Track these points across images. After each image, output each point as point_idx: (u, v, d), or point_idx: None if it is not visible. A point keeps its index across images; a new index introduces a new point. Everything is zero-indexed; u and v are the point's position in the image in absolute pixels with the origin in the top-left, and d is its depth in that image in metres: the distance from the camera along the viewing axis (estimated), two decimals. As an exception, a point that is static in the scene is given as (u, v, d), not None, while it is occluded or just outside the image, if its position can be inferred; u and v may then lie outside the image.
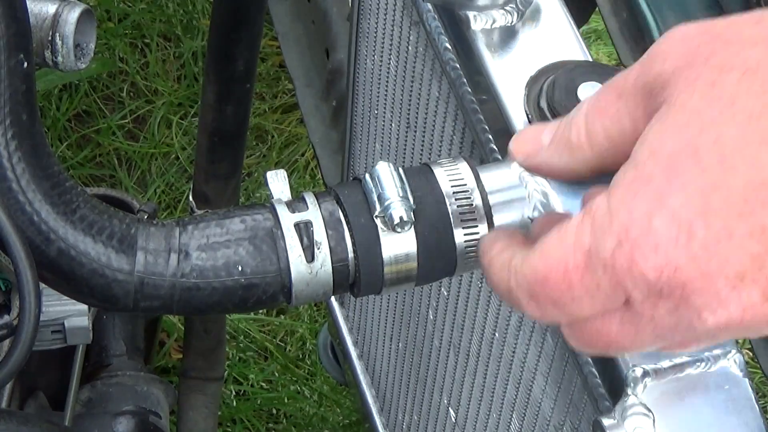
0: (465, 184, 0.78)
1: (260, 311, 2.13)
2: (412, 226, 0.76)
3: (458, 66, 0.88)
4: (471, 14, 0.86)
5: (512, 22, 0.86)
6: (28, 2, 0.76)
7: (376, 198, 0.76)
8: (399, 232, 0.76)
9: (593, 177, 0.69)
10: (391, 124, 1.11)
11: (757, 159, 0.57)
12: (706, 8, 0.89)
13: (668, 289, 0.58)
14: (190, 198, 1.56)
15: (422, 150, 1.03)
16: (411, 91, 1.02)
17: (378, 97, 1.14)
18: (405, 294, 1.17)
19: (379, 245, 0.77)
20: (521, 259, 0.65)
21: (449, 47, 0.89)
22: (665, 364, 0.73)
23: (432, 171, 0.78)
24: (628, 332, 0.62)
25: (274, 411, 2.06)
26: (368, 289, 0.78)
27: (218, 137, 1.48)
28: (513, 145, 0.71)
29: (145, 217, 1.07)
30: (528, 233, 0.72)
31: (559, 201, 0.80)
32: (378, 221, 0.76)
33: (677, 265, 0.58)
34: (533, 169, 0.73)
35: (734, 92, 0.58)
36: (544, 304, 0.63)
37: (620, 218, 0.59)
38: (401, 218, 0.75)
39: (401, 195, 0.76)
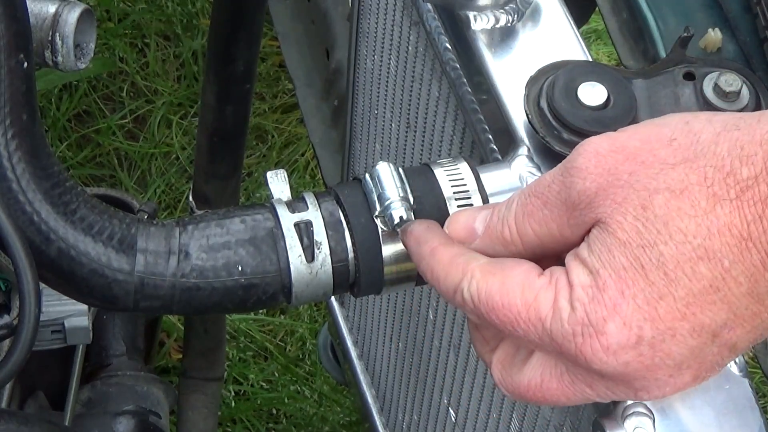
0: (465, 185, 0.78)
1: (260, 311, 2.13)
2: (412, 226, 0.76)
3: (458, 66, 0.88)
4: (471, 14, 0.86)
5: (512, 22, 0.86)
6: (28, 2, 0.76)
7: (376, 198, 0.76)
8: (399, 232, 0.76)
9: None
10: (391, 124, 1.11)
11: (695, 272, 0.64)
12: (706, 8, 0.89)
13: (611, 377, 0.67)
14: (190, 198, 1.56)
15: (422, 150, 1.03)
16: (411, 91, 1.02)
17: (378, 97, 1.14)
18: (405, 294, 1.17)
19: (379, 245, 0.77)
20: (480, 274, 0.70)
21: (449, 47, 0.89)
22: (665, 364, 0.73)
23: (432, 171, 0.78)
24: (566, 391, 0.69)
25: (274, 411, 2.06)
26: (368, 289, 0.78)
27: (218, 137, 1.48)
28: (447, 227, 0.75)
29: (145, 217, 1.07)
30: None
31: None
32: (378, 221, 0.76)
33: (623, 362, 0.66)
34: None
35: (666, 214, 0.64)
36: (487, 323, 0.70)
37: (577, 315, 0.66)
38: (401, 218, 0.75)
39: (401, 195, 0.76)
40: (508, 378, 0.73)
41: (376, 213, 0.76)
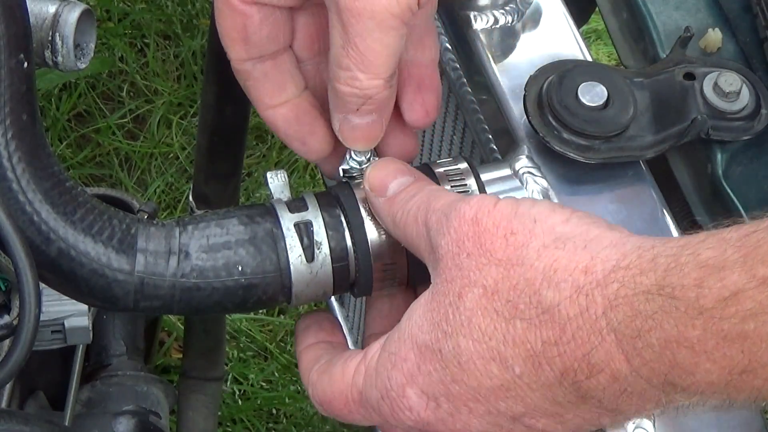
0: (465, 185, 0.78)
1: (260, 311, 2.13)
2: (412, 226, 0.76)
3: (458, 66, 0.88)
4: (471, 14, 0.86)
5: (512, 22, 0.86)
6: (28, 2, 0.76)
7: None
8: (399, 232, 0.76)
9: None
10: (391, 124, 1.11)
11: (485, 371, 0.67)
12: (706, 8, 0.89)
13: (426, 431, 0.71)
14: (190, 198, 1.55)
15: (422, 150, 1.03)
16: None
17: (378, 97, 1.13)
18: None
19: (379, 245, 0.77)
20: (318, 375, 0.77)
21: (449, 47, 0.89)
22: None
23: (432, 171, 0.78)
24: None
25: (274, 411, 2.06)
26: (368, 289, 0.78)
27: (218, 137, 1.48)
28: (369, 171, 0.78)
29: (145, 217, 1.07)
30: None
31: (558, 201, 0.80)
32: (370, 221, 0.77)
33: (428, 422, 0.70)
34: None
35: (473, 309, 0.67)
36: (331, 415, 0.76)
37: (382, 379, 0.71)
38: None
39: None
40: None
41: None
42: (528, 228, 0.67)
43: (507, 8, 0.86)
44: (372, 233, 0.76)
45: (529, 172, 0.80)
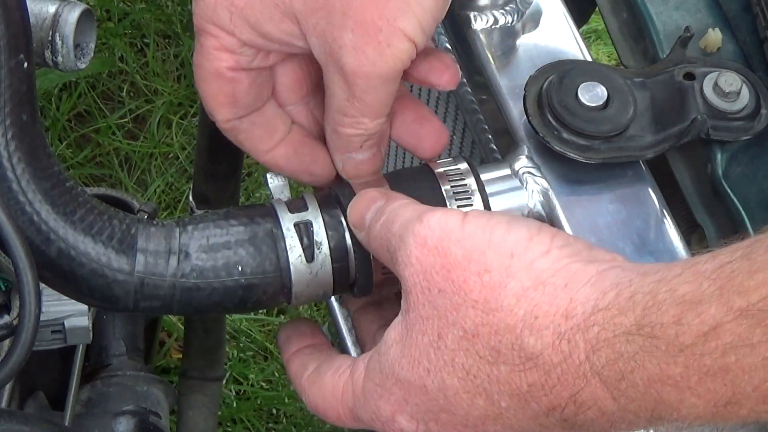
0: (465, 185, 0.78)
1: (260, 311, 2.13)
2: (412, 226, 0.76)
3: (458, 66, 0.88)
4: (471, 14, 0.86)
5: (512, 22, 0.86)
6: (28, 2, 0.76)
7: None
8: (399, 232, 0.76)
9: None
10: (391, 124, 1.11)
11: (472, 403, 0.67)
12: (706, 8, 0.89)
13: None
14: (190, 198, 1.55)
15: (422, 150, 1.03)
16: (411, 91, 1.02)
17: (378, 97, 1.13)
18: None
19: (379, 245, 0.76)
20: (309, 383, 0.77)
21: (449, 47, 0.89)
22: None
23: (432, 171, 0.78)
24: None
25: (274, 411, 2.06)
26: (368, 289, 0.78)
27: (218, 137, 1.47)
28: (350, 206, 0.77)
29: (145, 217, 1.07)
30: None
31: (558, 201, 0.80)
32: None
33: None
34: None
35: (455, 349, 0.67)
36: (327, 422, 0.76)
37: (371, 407, 0.72)
38: None
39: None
40: None
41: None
42: (504, 265, 0.66)
43: (507, 8, 0.86)
44: None
45: (529, 172, 0.80)
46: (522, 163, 0.81)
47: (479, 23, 0.86)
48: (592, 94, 0.79)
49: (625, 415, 0.63)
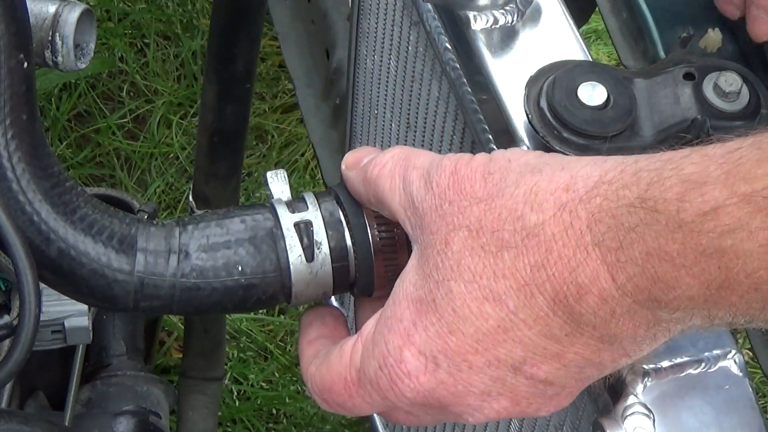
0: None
1: (260, 311, 2.13)
2: (412, 226, 0.76)
3: (458, 66, 0.88)
4: (471, 14, 0.86)
5: (512, 22, 0.86)
6: (28, 2, 0.76)
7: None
8: (399, 232, 0.76)
9: None
10: (391, 124, 1.11)
11: (481, 312, 0.66)
12: (706, 8, 0.89)
13: (427, 403, 0.70)
14: (190, 198, 1.56)
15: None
16: (411, 91, 1.02)
17: (378, 97, 1.14)
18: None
19: (379, 245, 0.77)
20: (316, 366, 0.76)
21: (449, 47, 0.89)
22: (665, 363, 0.73)
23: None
24: (413, 421, 0.74)
25: (274, 411, 2.06)
26: (368, 288, 0.78)
27: (218, 137, 1.48)
28: (347, 155, 0.79)
29: (145, 217, 1.07)
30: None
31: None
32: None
33: (428, 388, 0.69)
34: None
35: (460, 252, 0.67)
36: (333, 406, 0.75)
37: (379, 347, 0.70)
38: None
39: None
40: None
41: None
42: (503, 166, 0.68)
43: (507, 8, 0.86)
44: (373, 233, 0.76)
45: (529, 172, 0.80)
46: (522, 163, 0.81)
47: (479, 23, 0.86)
48: (592, 94, 0.79)
49: (624, 300, 0.63)
